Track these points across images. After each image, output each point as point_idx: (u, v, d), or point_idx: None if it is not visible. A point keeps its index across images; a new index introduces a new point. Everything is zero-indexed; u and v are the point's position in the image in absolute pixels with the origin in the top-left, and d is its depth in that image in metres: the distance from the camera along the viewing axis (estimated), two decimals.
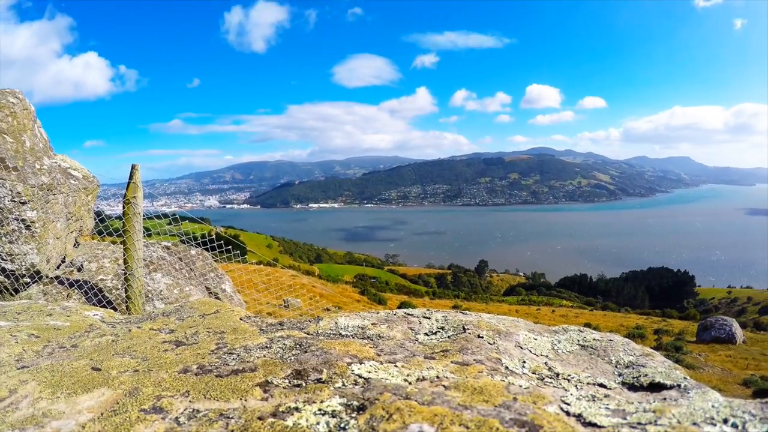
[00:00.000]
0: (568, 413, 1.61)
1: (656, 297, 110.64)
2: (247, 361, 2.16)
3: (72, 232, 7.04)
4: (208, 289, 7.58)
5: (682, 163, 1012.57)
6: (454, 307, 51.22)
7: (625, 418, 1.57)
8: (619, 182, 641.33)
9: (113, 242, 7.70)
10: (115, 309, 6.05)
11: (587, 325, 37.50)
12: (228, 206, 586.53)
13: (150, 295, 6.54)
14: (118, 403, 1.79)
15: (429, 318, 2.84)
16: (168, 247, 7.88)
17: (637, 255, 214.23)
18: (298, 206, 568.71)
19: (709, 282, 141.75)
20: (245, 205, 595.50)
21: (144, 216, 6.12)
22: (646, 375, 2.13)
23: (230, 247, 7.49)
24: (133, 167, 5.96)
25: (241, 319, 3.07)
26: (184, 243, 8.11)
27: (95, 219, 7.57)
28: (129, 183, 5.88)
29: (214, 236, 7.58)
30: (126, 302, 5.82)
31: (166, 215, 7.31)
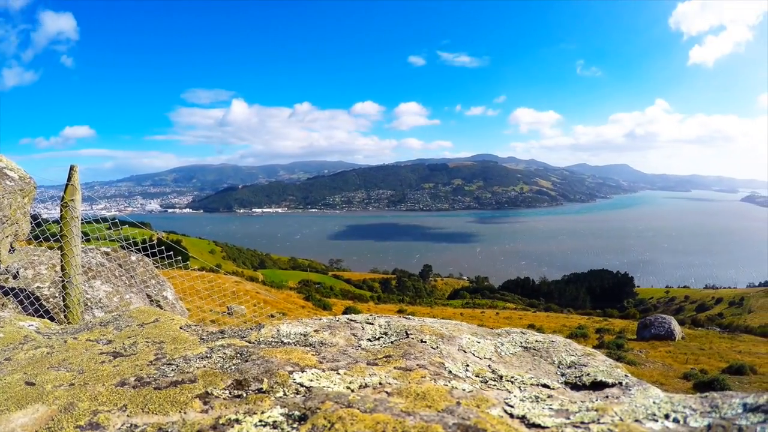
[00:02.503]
0: (511, 415, 1.64)
1: (597, 298, 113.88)
2: (187, 372, 2.12)
3: (7, 236, 6.73)
4: (149, 296, 7.39)
5: (621, 170, 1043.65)
6: (399, 311, 51.67)
7: (568, 418, 1.60)
8: (561, 188, 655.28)
9: (50, 247, 7.40)
10: (52, 318, 5.83)
11: (531, 326, 38.31)
12: (170, 210, 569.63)
13: (89, 304, 6.33)
14: (53, 420, 1.73)
15: (372, 323, 2.85)
16: (107, 253, 7.65)
17: (578, 257, 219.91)
18: (241, 211, 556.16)
19: (648, 282, 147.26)
20: (188, 210, 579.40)
21: (83, 220, 5.93)
22: (588, 374, 2.19)
23: (172, 252, 7.33)
24: (71, 168, 5.75)
25: (181, 328, 3.00)
26: (125, 248, 7.88)
27: (32, 223, 7.26)
28: (67, 185, 5.67)
29: (155, 241, 7.41)
30: (64, 311, 5.61)
31: (105, 219, 7.08)
